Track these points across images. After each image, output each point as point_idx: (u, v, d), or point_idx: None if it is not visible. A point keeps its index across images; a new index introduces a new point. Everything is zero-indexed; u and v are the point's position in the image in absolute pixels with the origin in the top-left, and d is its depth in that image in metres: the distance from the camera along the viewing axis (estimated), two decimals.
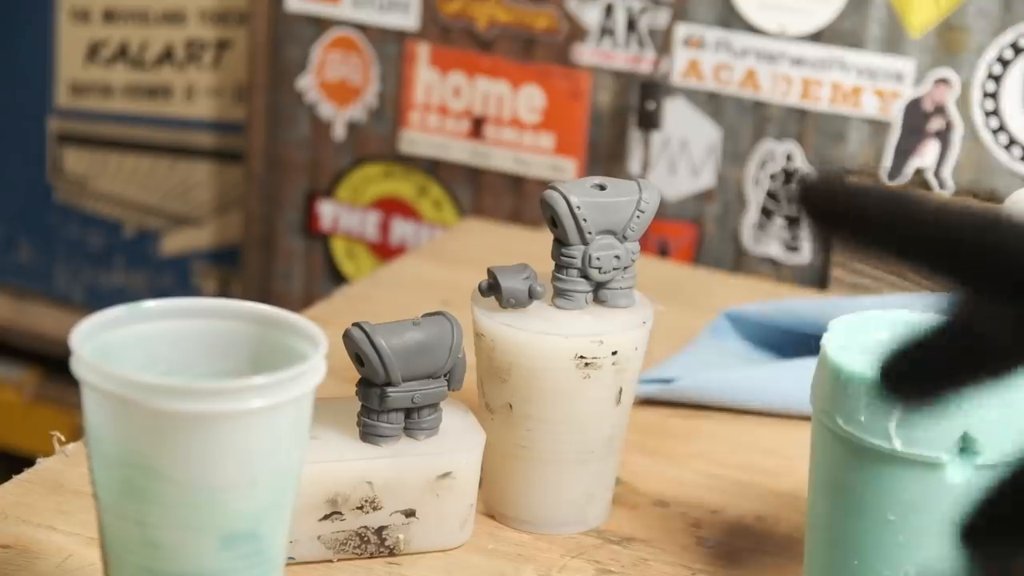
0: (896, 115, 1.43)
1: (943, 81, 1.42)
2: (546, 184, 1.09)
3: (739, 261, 1.52)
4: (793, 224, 1.49)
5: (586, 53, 1.54)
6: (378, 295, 1.31)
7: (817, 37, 1.45)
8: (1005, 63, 1.40)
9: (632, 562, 0.93)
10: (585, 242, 0.92)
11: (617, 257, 0.93)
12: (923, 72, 1.42)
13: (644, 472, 1.03)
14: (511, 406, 0.93)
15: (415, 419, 0.89)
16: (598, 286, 0.94)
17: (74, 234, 1.87)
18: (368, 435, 0.88)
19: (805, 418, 0.90)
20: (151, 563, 0.72)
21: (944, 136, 1.42)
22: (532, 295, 0.92)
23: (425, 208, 1.65)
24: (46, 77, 1.83)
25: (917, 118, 1.43)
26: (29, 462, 0.97)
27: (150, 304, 0.77)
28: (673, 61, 1.50)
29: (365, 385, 0.88)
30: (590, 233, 0.92)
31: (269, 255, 1.73)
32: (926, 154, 1.43)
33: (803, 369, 0.98)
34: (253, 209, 1.72)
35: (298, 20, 1.66)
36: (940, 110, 1.42)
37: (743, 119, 1.49)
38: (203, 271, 1.85)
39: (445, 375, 0.89)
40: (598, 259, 0.92)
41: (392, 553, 0.90)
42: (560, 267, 0.93)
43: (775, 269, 1.51)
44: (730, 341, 1.22)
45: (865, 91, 1.44)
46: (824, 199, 0.46)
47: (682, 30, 1.49)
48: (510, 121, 1.58)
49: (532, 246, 1.23)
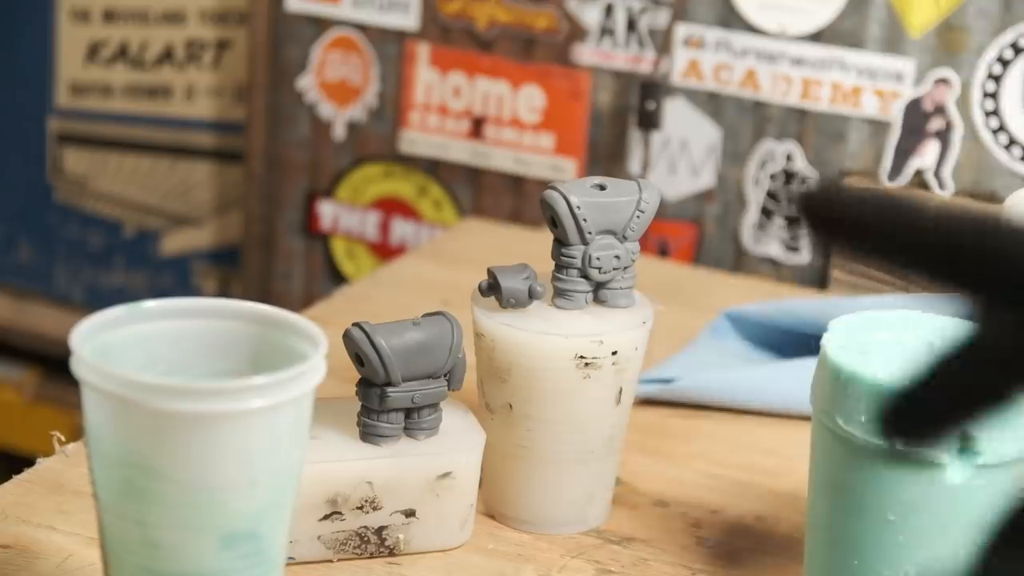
0: (896, 115, 1.43)
1: (943, 81, 1.42)
2: (546, 184, 1.09)
3: (739, 261, 1.52)
4: (793, 224, 1.49)
5: (586, 53, 1.54)
6: (378, 295, 1.31)
7: (817, 37, 1.45)
8: (1005, 63, 1.40)
9: (632, 562, 0.93)
10: (585, 242, 0.92)
11: (617, 257, 0.93)
12: (923, 72, 1.42)
13: (644, 472, 1.03)
14: (511, 406, 0.93)
15: (415, 419, 0.89)
16: (598, 286, 0.94)
17: (74, 234, 1.87)
18: (368, 435, 0.88)
19: (805, 418, 0.90)
20: (151, 563, 0.72)
21: (944, 136, 1.42)
22: (532, 295, 0.92)
23: (425, 208, 1.65)
24: (46, 77, 1.83)
25: (917, 118, 1.43)
26: (29, 462, 0.97)
27: (150, 304, 0.77)
28: (673, 61, 1.50)
29: (365, 385, 0.88)
30: (590, 233, 0.92)
31: (269, 255, 1.73)
32: (926, 154, 1.43)
33: (803, 369, 0.98)
34: (253, 209, 1.72)
35: (298, 20, 1.66)
36: (940, 110, 1.42)
37: (743, 119, 1.49)
38: (203, 271, 1.85)
39: (445, 375, 0.89)
40: (598, 259, 0.92)
41: (392, 553, 0.90)
42: (560, 267, 0.93)
43: (775, 269, 1.51)
44: (730, 341, 1.22)
45: (865, 91, 1.44)
46: (824, 208, 0.46)
47: (682, 30, 1.49)
48: (510, 121, 1.58)
49: (532, 246, 1.23)
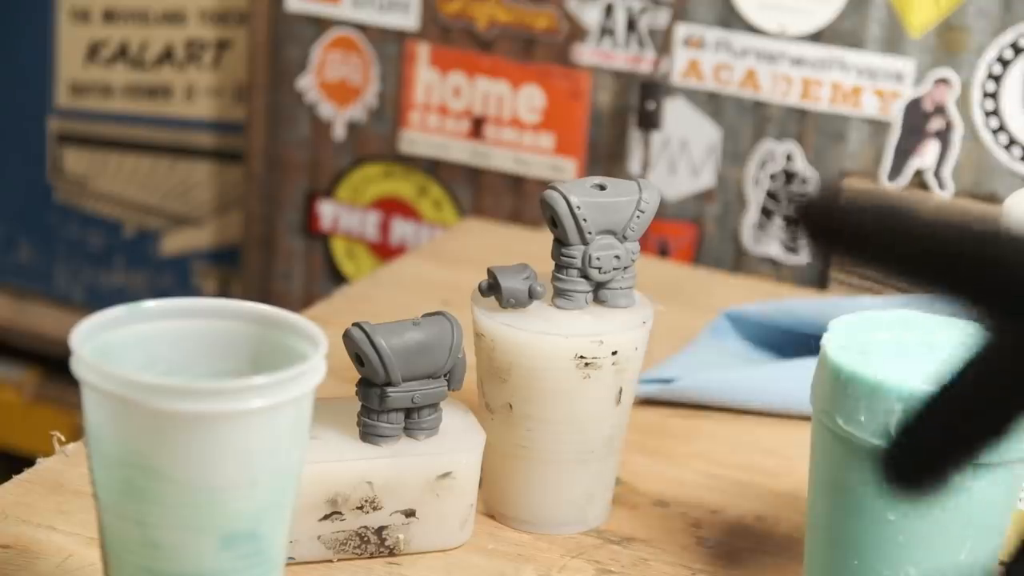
0: (896, 115, 1.43)
1: (943, 81, 1.42)
2: (546, 184, 1.09)
3: (739, 261, 1.52)
4: (792, 225, 1.49)
5: (586, 53, 1.54)
6: (378, 295, 1.31)
7: (817, 37, 1.45)
8: (1005, 63, 1.40)
9: (632, 562, 0.93)
10: (585, 242, 0.92)
11: (617, 257, 0.93)
12: (923, 72, 1.42)
13: (644, 472, 1.03)
14: (511, 406, 0.93)
15: (415, 419, 0.89)
16: (598, 286, 0.94)
17: (74, 234, 1.87)
18: (368, 435, 0.88)
19: (805, 418, 0.90)
20: (151, 563, 0.72)
21: (944, 136, 1.42)
22: (532, 295, 0.92)
23: (425, 208, 1.65)
24: (46, 77, 1.83)
25: (917, 118, 1.43)
26: (29, 462, 0.97)
27: (150, 304, 0.77)
28: (673, 61, 1.50)
29: (365, 385, 0.88)
30: (590, 233, 0.92)
31: (269, 255, 1.73)
32: (926, 154, 1.43)
33: (803, 369, 0.98)
34: (253, 209, 1.72)
35: (298, 20, 1.66)
36: (940, 110, 1.42)
37: (743, 119, 1.49)
38: (203, 271, 1.85)
39: (445, 375, 0.89)
40: (598, 259, 0.92)
41: (392, 553, 0.90)
42: (560, 267, 0.93)
43: (775, 269, 1.51)
44: (730, 341, 1.22)
45: (865, 91, 1.44)
46: (823, 218, 0.46)
47: (682, 30, 1.49)
48: (510, 121, 1.58)
49: (532, 246, 1.23)
